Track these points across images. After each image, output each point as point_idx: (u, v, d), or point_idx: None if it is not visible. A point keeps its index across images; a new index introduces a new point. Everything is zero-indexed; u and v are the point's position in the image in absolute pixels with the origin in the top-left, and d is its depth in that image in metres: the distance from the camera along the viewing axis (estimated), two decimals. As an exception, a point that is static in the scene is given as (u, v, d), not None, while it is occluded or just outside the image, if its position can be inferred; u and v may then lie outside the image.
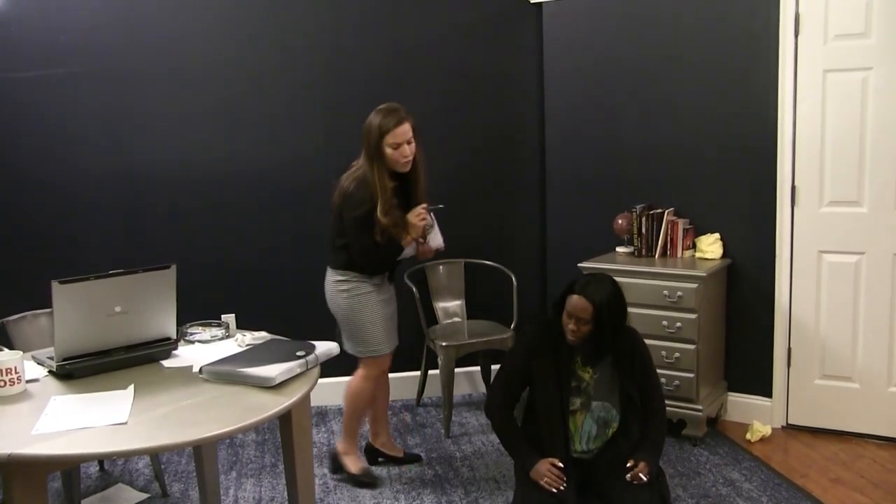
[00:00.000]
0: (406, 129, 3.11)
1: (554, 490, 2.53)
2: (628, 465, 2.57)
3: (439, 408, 4.23)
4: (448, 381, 3.92)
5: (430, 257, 3.49)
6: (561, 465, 2.60)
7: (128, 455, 2.86)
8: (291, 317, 3.99)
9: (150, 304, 2.45)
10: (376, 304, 3.28)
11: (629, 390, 2.67)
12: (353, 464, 3.44)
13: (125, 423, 1.97)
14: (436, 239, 3.35)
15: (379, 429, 3.60)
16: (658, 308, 3.74)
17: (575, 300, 2.58)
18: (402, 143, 3.10)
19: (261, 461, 3.71)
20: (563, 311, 2.62)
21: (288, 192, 4.22)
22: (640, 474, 2.54)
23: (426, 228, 3.26)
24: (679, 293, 3.70)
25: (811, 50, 3.66)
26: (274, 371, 2.22)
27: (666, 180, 4.11)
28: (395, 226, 3.13)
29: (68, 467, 2.92)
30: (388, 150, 3.09)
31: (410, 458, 3.63)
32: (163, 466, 3.59)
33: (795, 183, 3.77)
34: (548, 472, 2.57)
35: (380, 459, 3.61)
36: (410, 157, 3.14)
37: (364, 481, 3.40)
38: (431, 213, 3.28)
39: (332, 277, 3.29)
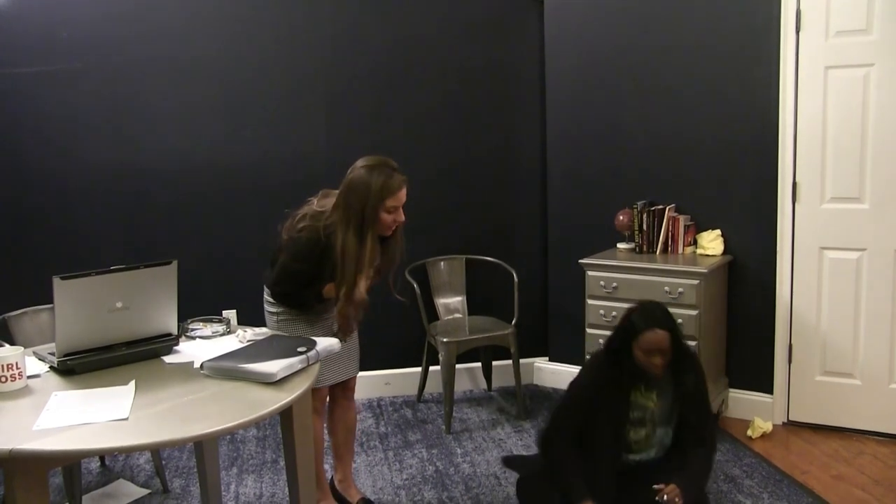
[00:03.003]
0: (405, 191, 2.74)
1: None
2: (656, 486, 2.48)
3: (440, 404, 4.23)
4: (449, 378, 3.93)
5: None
6: None
7: (129, 451, 2.85)
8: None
9: (151, 299, 2.45)
10: (306, 335, 2.82)
11: (687, 414, 2.63)
12: None
13: (126, 419, 1.97)
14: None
15: (337, 464, 3.23)
16: (659, 304, 3.74)
17: (651, 337, 2.50)
18: (399, 207, 2.74)
19: (262, 457, 3.71)
20: (638, 352, 2.54)
21: (289, 188, 4.21)
22: (666, 495, 2.45)
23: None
24: (680, 289, 3.70)
25: (812, 46, 3.65)
26: (275, 367, 2.22)
27: (667, 177, 4.10)
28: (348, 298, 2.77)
29: (69, 463, 2.91)
30: (384, 215, 2.71)
31: None
32: (164, 462, 3.59)
33: (797, 179, 3.77)
34: None
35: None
36: (401, 221, 2.79)
37: None
38: None
39: (265, 296, 2.99)
